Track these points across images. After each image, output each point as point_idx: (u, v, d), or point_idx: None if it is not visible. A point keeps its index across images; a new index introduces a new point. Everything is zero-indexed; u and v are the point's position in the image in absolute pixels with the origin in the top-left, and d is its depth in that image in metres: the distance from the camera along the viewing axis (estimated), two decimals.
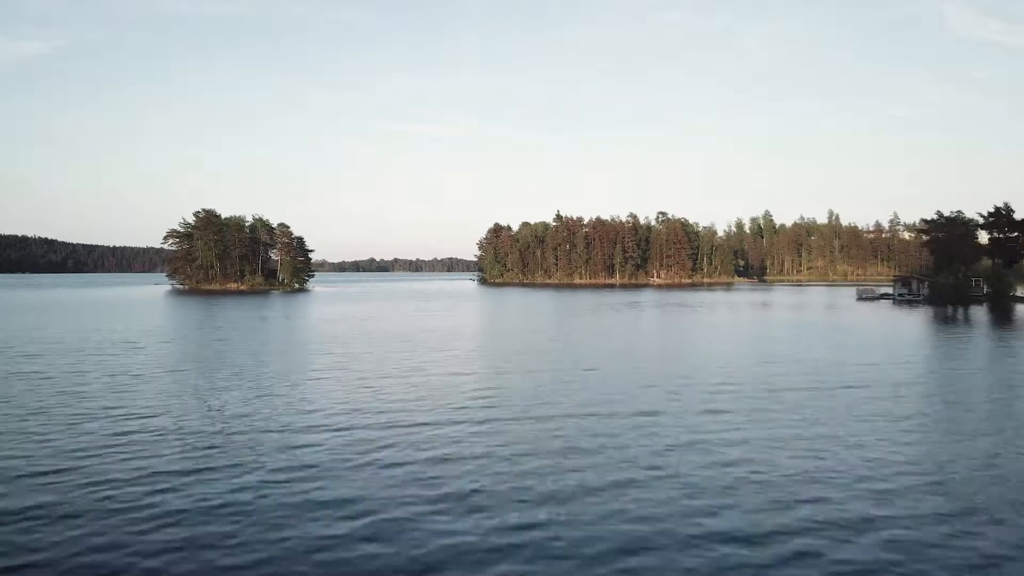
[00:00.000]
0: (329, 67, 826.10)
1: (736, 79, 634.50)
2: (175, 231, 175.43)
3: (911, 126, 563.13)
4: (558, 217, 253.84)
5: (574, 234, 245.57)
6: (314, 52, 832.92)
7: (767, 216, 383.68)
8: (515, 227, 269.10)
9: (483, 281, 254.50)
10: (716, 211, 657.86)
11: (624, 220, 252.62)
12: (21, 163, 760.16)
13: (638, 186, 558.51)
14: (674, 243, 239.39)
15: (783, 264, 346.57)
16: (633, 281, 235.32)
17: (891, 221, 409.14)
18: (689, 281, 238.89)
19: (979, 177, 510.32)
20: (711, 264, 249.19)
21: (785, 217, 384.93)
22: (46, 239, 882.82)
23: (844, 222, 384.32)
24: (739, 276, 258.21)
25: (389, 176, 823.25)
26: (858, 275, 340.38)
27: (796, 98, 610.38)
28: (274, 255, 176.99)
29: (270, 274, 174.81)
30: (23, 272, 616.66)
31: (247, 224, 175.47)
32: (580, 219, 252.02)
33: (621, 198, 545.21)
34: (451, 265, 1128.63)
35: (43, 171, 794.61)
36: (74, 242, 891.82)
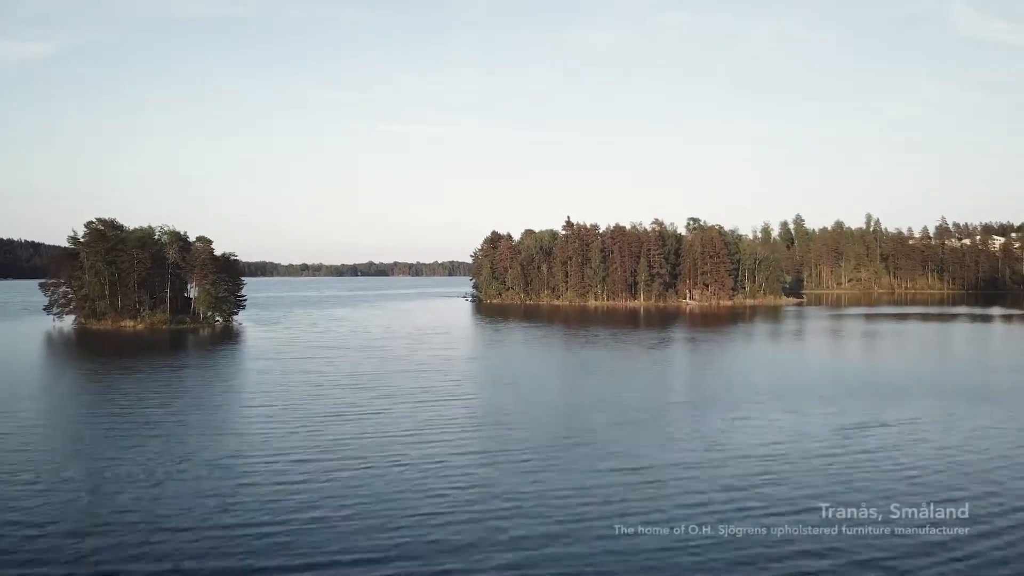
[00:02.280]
0: (329, 68, 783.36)
1: (737, 79, 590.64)
2: (59, 251, 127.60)
3: (911, 126, 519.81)
4: (568, 224, 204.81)
5: (587, 245, 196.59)
6: (314, 53, 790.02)
7: (798, 221, 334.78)
8: (516, 235, 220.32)
9: (478, 301, 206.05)
10: (729, 214, 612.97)
11: (648, 227, 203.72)
12: (9, 165, 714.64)
13: (641, 188, 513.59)
14: (711, 256, 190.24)
15: (820, 276, 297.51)
16: (662, 304, 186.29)
17: (938, 227, 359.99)
18: (730, 303, 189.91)
19: (986, 180, 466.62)
20: (754, 282, 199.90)
21: (810, 221, 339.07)
22: (32, 243, 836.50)
23: (873, 228, 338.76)
24: (785, 295, 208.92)
25: (389, 177, 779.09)
26: (907, 290, 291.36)
27: (798, 99, 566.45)
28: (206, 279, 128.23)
29: (186, 306, 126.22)
30: (5, 278, 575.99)
31: (155, 239, 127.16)
32: (595, 227, 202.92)
33: (623, 200, 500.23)
34: (452, 269, 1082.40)
35: (30, 173, 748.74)
36: (60, 245, 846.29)
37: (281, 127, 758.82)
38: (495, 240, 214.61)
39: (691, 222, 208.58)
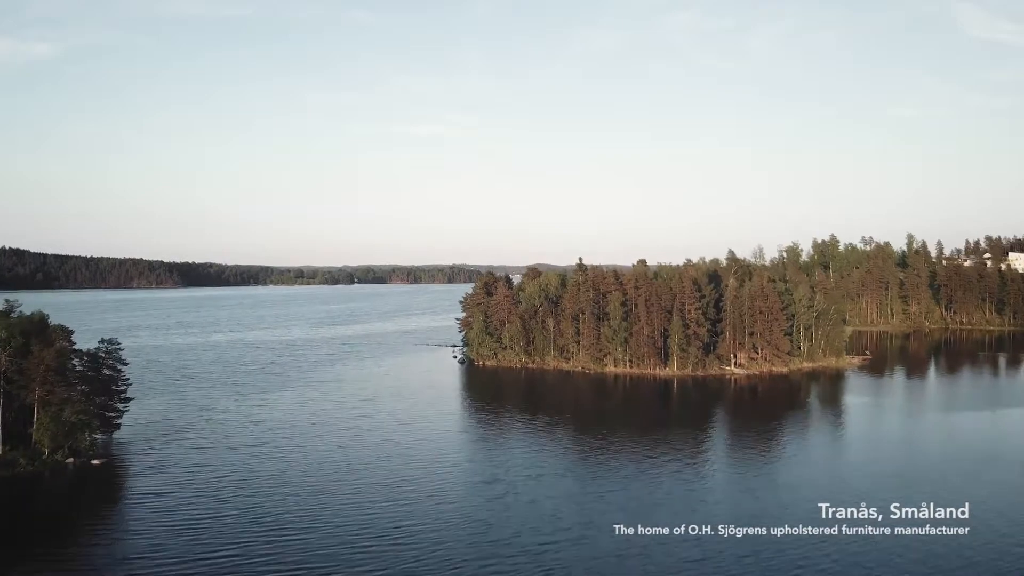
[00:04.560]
0: (330, 68, 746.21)
1: (740, 81, 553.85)
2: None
3: (917, 127, 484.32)
4: (580, 267, 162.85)
5: (604, 295, 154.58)
6: (315, 53, 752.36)
7: (833, 241, 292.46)
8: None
9: (468, 363, 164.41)
10: (737, 213, 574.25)
11: (685, 263, 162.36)
12: (7, 166, 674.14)
13: (644, 188, 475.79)
14: (761, 312, 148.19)
15: (866, 309, 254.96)
16: (701, 373, 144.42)
17: (988, 245, 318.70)
18: (784, 370, 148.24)
19: (989, 182, 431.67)
20: (812, 341, 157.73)
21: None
22: (16, 250, 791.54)
23: (916, 250, 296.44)
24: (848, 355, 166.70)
25: (389, 178, 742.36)
26: (963, 325, 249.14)
27: (801, 99, 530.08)
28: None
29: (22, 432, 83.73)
30: None
31: None
32: (614, 271, 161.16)
33: (626, 201, 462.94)
34: (452, 275, 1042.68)
35: (15, 177, 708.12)
36: (47, 252, 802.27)
37: (281, 127, 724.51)
38: (490, 284, 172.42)
39: (733, 264, 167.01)
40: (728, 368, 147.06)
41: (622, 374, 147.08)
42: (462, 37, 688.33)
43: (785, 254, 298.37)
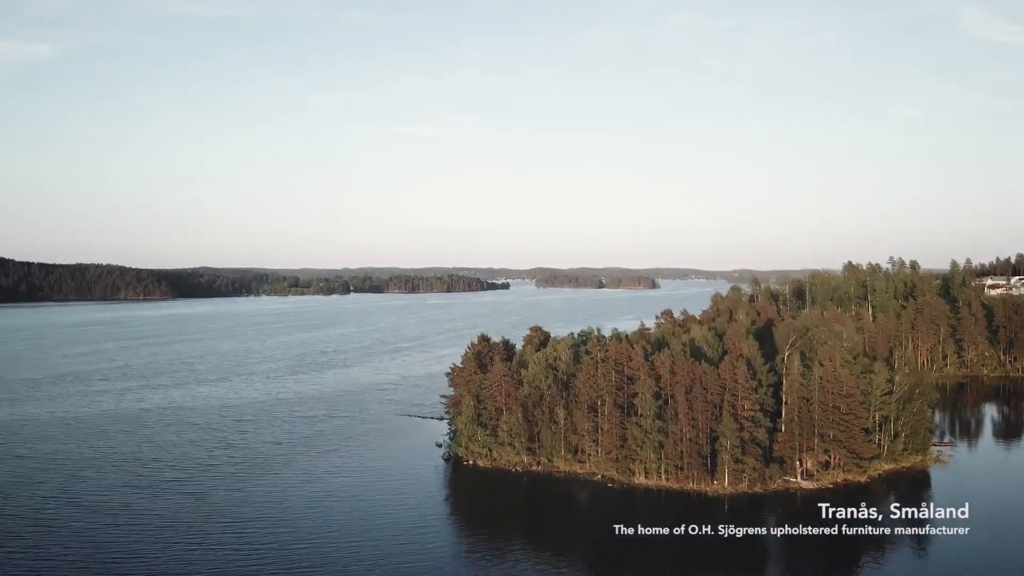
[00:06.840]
0: (331, 69, 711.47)
1: (740, 81, 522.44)
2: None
3: (924, 128, 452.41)
4: (599, 340, 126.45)
5: (631, 380, 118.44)
6: (316, 55, 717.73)
7: (872, 269, 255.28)
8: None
9: (455, 460, 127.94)
10: (739, 213, 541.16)
11: (729, 320, 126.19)
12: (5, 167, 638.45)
13: (646, 190, 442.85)
14: (834, 407, 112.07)
15: (916, 354, 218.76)
16: (760, 488, 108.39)
17: (1019, 261, 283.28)
18: (863, 479, 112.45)
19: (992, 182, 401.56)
20: (893, 436, 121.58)
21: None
22: (0, 259, 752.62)
23: (963, 278, 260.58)
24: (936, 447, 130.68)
25: (389, 181, 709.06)
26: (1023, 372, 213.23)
27: (805, 100, 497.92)
28: None
29: None
30: None
31: None
32: (646, 335, 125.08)
33: (628, 205, 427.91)
34: (451, 284, 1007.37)
35: (14, 178, 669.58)
36: (32, 261, 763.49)
37: (281, 127, 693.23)
38: (483, 354, 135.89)
39: (790, 330, 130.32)
40: (793, 480, 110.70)
41: (655, 487, 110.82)
42: (462, 37, 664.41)
43: (812, 282, 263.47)
